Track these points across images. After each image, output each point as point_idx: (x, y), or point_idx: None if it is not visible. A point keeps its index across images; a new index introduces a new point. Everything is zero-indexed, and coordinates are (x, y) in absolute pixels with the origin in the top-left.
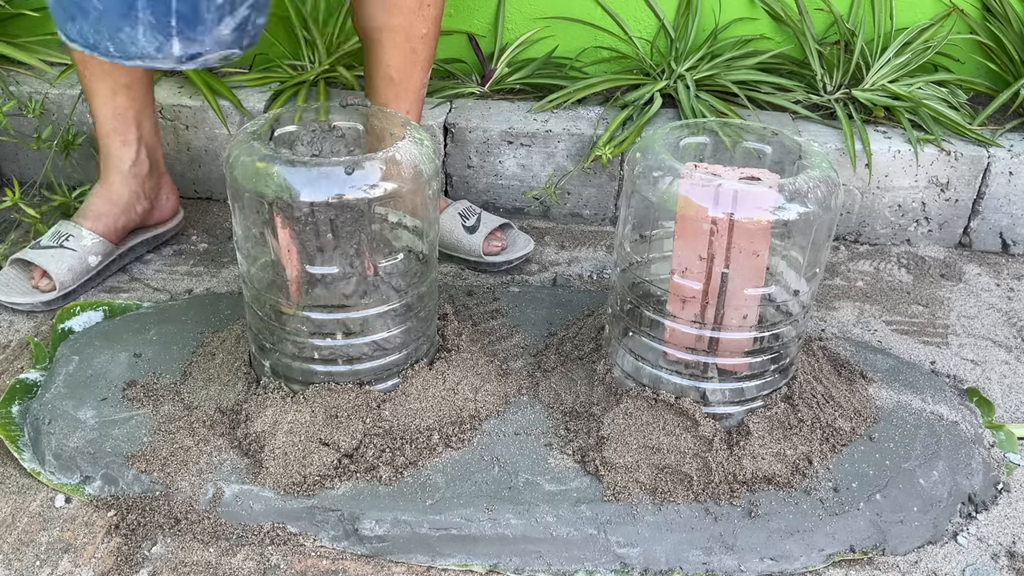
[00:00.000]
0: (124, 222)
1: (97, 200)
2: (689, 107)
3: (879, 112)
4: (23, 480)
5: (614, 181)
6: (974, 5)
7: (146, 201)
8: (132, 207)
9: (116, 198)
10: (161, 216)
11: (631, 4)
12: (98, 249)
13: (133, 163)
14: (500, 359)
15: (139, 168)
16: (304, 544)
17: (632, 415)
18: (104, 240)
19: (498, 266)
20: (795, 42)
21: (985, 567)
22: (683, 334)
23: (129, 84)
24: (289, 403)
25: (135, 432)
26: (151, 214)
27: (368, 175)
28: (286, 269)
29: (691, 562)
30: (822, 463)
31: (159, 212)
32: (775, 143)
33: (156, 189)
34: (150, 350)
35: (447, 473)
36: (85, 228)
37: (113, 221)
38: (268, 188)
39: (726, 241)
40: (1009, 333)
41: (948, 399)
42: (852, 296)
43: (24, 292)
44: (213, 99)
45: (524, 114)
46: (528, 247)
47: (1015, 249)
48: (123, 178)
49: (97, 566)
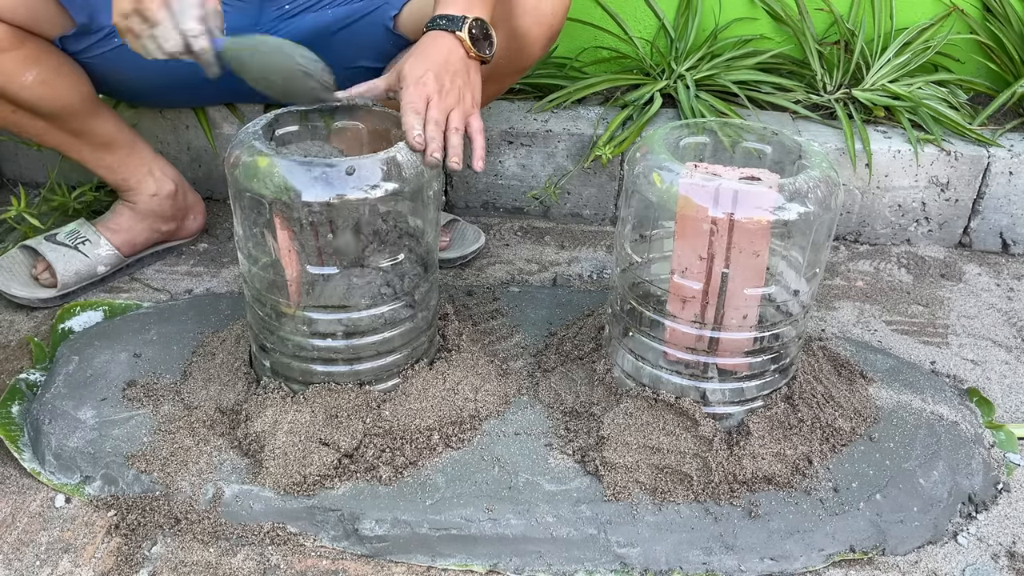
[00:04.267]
0: (144, 239)
1: (124, 212)
2: (689, 107)
3: (879, 112)
4: (23, 480)
5: (614, 181)
6: (974, 5)
7: (172, 223)
8: (156, 227)
9: (141, 216)
10: (185, 234)
11: (631, 4)
12: (110, 261)
13: (154, 193)
14: (500, 359)
15: (162, 192)
16: (304, 544)
17: (632, 415)
18: (118, 253)
19: (452, 263)
20: (795, 42)
21: (985, 567)
22: (683, 334)
23: (107, 143)
24: (289, 403)
25: (135, 432)
26: (175, 233)
27: (369, 175)
28: (286, 269)
29: (691, 562)
30: (822, 463)
31: (184, 231)
32: (775, 143)
33: (183, 211)
34: (150, 350)
35: (447, 473)
36: (104, 238)
37: (133, 237)
38: (269, 188)
39: (726, 241)
40: (1009, 333)
41: (948, 399)
42: (852, 296)
43: (23, 284)
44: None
45: (524, 114)
46: (479, 241)
47: (1015, 249)
48: (148, 199)
49: (97, 566)
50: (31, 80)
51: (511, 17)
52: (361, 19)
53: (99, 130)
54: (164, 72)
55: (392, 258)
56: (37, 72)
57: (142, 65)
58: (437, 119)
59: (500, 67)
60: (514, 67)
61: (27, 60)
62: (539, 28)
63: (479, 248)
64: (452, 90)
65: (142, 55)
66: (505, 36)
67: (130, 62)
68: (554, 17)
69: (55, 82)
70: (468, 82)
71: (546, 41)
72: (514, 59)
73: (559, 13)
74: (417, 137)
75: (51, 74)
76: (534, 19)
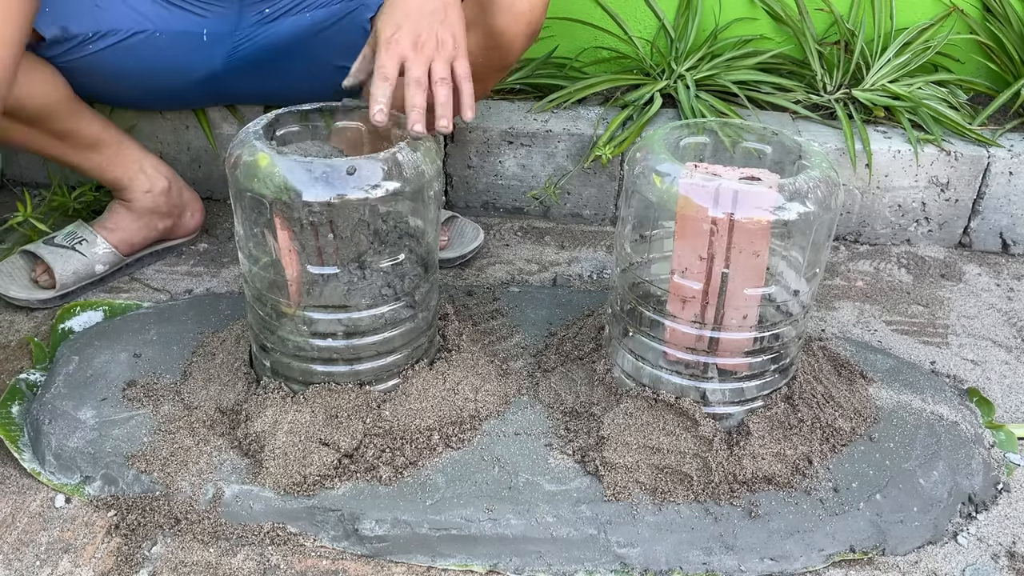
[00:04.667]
0: (142, 237)
1: (120, 211)
2: (689, 107)
3: (879, 112)
4: (23, 480)
5: (614, 181)
6: (974, 5)
7: (168, 219)
8: (153, 225)
9: (137, 214)
10: (183, 232)
11: (631, 4)
12: (108, 259)
13: (147, 190)
14: (500, 359)
15: (156, 189)
16: (304, 544)
17: (632, 415)
18: (116, 252)
19: (451, 262)
20: (795, 42)
21: (985, 567)
22: (683, 334)
23: (93, 143)
24: (289, 403)
25: (135, 432)
26: (173, 231)
27: (370, 175)
28: (286, 269)
29: (691, 562)
30: (822, 463)
31: (182, 229)
32: (775, 143)
33: (179, 207)
34: (150, 350)
35: (447, 473)
36: (101, 237)
37: (131, 235)
38: (270, 188)
39: (726, 241)
40: (1009, 333)
41: (948, 399)
42: (852, 296)
43: (22, 286)
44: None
45: (524, 114)
46: (478, 239)
47: (1015, 249)
48: (142, 196)
49: (97, 566)
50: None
51: (486, 15)
52: (339, 21)
53: (84, 131)
54: (144, 77)
55: (392, 258)
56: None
57: (120, 71)
58: (418, 77)
59: (480, 66)
60: (495, 66)
61: None
62: (517, 26)
63: (478, 246)
64: (430, 38)
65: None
66: (482, 35)
67: (109, 68)
68: (532, 14)
69: (28, 82)
70: (446, 21)
71: (525, 39)
72: (493, 58)
73: (536, 10)
74: (378, 114)
75: (22, 75)
76: (511, 16)
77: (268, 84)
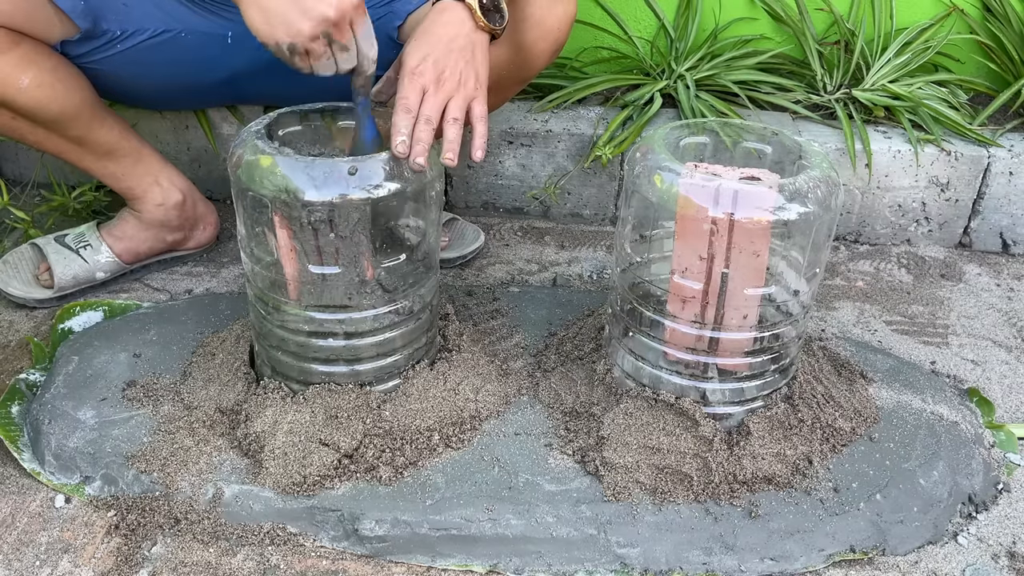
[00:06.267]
0: (148, 248)
1: (129, 220)
2: (689, 107)
3: (879, 112)
4: (23, 480)
5: (614, 181)
6: (974, 5)
7: (178, 232)
8: (161, 237)
9: (146, 224)
10: (195, 245)
11: (631, 4)
12: (109, 268)
13: (160, 203)
14: (500, 359)
15: (169, 202)
16: (304, 544)
17: (632, 415)
18: (118, 261)
19: (451, 263)
20: (795, 42)
21: (985, 567)
22: (683, 334)
23: (110, 151)
24: (289, 403)
25: (135, 432)
26: (183, 243)
27: (371, 175)
28: (286, 269)
29: (691, 562)
30: (822, 463)
31: (192, 241)
32: (775, 143)
33: (192, 221)
34: (150, 350)
35: (447, 473)
36: (106, 244)
37: (136, 245)
38: (271, 188)
39: (726, 241)
40: (1009, 333)
41: (948, 399)
42: (852, 296)
43: (24, 282)
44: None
45: (524, 114)
46: (479, 240)
47: (1015, 249)
48: (154, 209)
49: (97, 566)
50: (27, 84)
51: (516, 31)
52: None
53: (102, 138)
54: (167, 77)
55: (393, 258)
56: (33, 75)
57: (144, 70)
58: (429, 116)
59: (503, 79)
60: (517, 78)
61: (22, 63)
62: (544, 42)
63: (479, 248)
64: (452, 75)
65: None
66: (510, 48)
67: (133, 67)
68: (559, 31)
69: (53, 85)
70: (472, 61)
71: (550, 54)
72: (517, 71)
73: (564, 28)
74: (400, 145)
75: (48, 77)
76: (540, 33)
77: (289, 87)
